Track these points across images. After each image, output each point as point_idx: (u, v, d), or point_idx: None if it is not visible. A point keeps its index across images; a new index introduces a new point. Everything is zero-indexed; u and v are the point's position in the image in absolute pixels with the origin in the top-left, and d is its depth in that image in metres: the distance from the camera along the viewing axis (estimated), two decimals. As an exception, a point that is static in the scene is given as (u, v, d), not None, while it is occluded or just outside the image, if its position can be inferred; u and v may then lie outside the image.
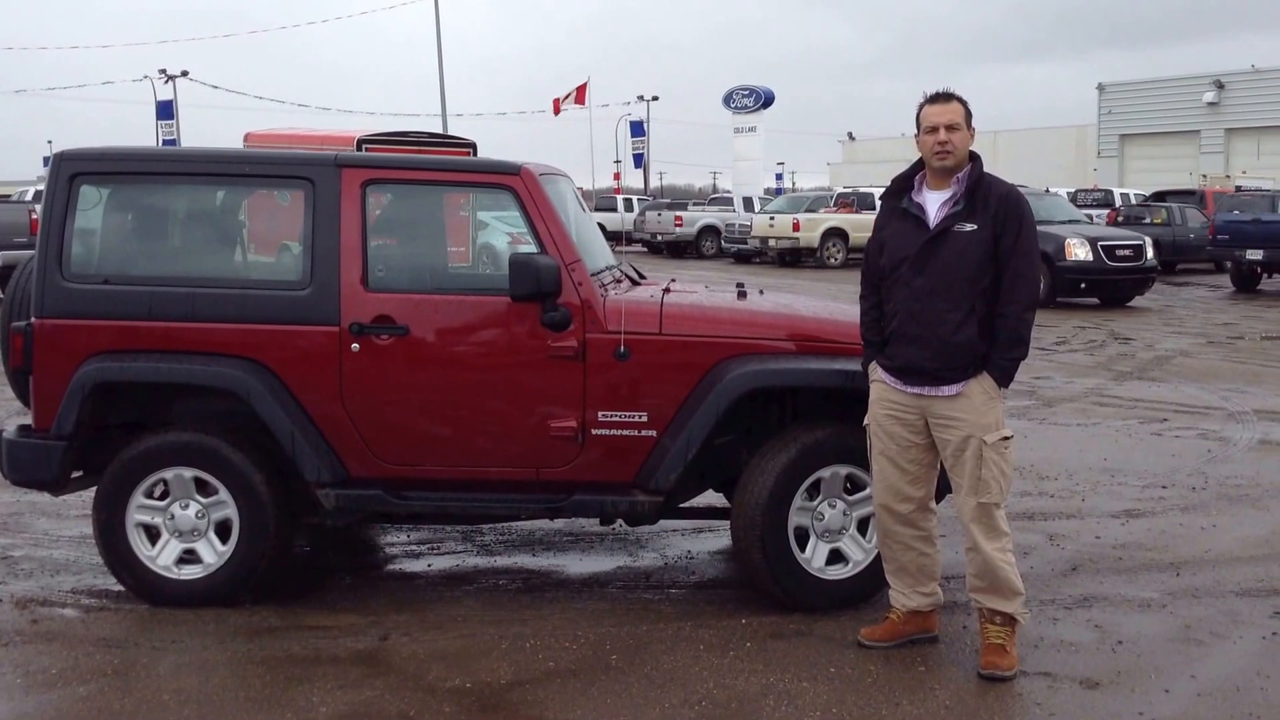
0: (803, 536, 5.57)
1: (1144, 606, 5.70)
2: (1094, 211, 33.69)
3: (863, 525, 5.58)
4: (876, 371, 5.09)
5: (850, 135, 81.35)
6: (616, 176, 66.33)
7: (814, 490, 5.56)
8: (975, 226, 4.84)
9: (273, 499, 5.59)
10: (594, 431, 5.55)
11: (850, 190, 37.68)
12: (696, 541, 6.82)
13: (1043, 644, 5.24)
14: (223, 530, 5.63)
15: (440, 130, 37.64)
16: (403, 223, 6.01)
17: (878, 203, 27.05)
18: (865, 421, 5.15)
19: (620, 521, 6.06)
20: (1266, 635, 5.33)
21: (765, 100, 49.13)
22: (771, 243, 32.22)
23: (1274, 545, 6.67)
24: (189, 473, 5.59)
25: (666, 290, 6.00)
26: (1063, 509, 7.48)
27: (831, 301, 6.54)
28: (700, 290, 6.24)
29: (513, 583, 6.09)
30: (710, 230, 37.91)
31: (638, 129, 63.62)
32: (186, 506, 5.62)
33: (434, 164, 5.81)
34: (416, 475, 5.65)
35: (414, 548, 6.73)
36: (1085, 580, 6.09)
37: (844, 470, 5.54)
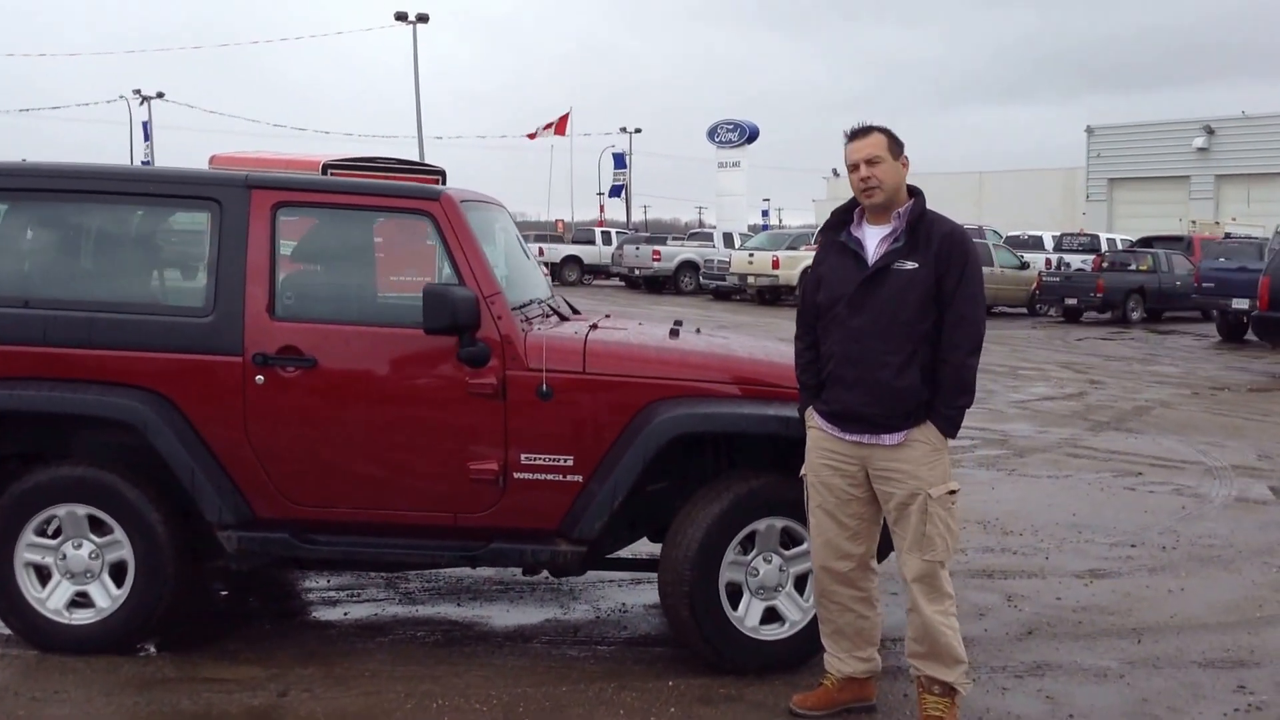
0: (736, 593, 5.20)
1: (1100, 676, 5.33)
2: (1079, 256, 33.54)
3: (800, 582, 5.22)
4: (813, 417, 4.73)
5: (835, 172, 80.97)
6: (601, 209, 66.14)
7: (748, 544, 5.20)
8: (916, 265, 4.50)
9: (171, 540, 5.21)
10: (516, 475, 5.19)
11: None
12: (634, 594, 6.44)
13: (988, 716, 4.87)
14: (118, 572, 5.26)
15: (415, 156, 37.41)
16: (318, 249, 5.66)
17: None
18: (802, 472, 4.79)
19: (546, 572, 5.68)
20: (1228, 712, 4.96)
21: (750, 135, 48.97)
22: (751, 280, 31.66)
23: (1244, 611, 6.31)
24: (82, 510, 5.21)
25: (594, 327, 5.64)
26: (1024, 567, 7.11)
27: (771, 341, 6.19)
28: (631, 327, 5.89)
29: (431, 635, 5.70)
30: (689, 266, 37.52)
31: (620, 161, 63.43)
32: (79, 546, 5.25)
33: (351, 187, 5.45)
34: (326, 518, 5.28)
35: (333, 594, 6.34)
36: (1041, 646, 5.72)
37: (780, 523, 5.17)
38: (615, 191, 64.64)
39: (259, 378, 5.17)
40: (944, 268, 4.50)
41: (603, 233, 44.50)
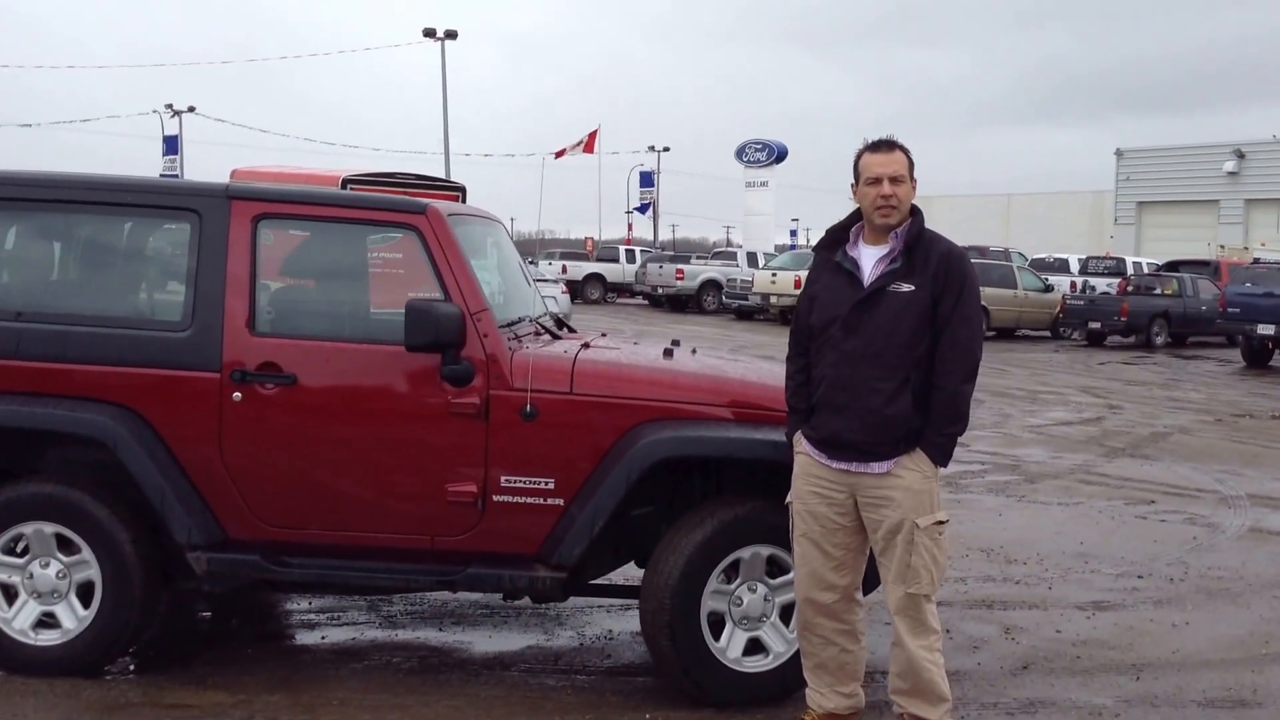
0: (719, 623, 5.04)
1: (1095, 715, 5.14)
2: (1105, 280, 33.23)
3: (786, 613, 5.04)
4: (801, 443, 4.58)
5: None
6: (630, 228, 66.07)
7: (732, 572, 5.04)
8: (913, 287, 4.35)
9: (140, 561, 5.09)
10: (495, 497, 5.05)
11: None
12: (621, 620, 6.27)
13: (976, 756, 4.69)
14: (86, 593, 5.13)
15: (441, 172, 37.42)
16: (301, 262, 5.54)
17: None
18: (788, 499, 4.63)
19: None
20: (1228, 755, 4.77)
21: (778, 155, 48.70)
22: (773, 299, 31.48)
23: (1249, 648, 6.10)
24: (50, 528, 5.09)
25: (585, 345, 5.50)
26: (1025, 598, 6.92)
27: (766, 363, 6.04)
28: (623, 347, 5.74)
29: (407, 660, 5.55)
30: (712, 285, 37.37)
31: (647, 179, 63.34)
32: (47, 565, 5.13)
33: (335, 200, 5.33)
34: (300, 539, 5.15)
35: (313, 616, 6.21)
36: (1035, 681, 5.53)
37: (766, 551, 5.01)
38: (643, 210, 64.56)
39: (236, 395, 5.05)
40: (941, 290, 4.35)
41: (627, 251, 44.40)
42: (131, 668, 5.28)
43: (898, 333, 4.33)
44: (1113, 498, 10.03)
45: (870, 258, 4.46)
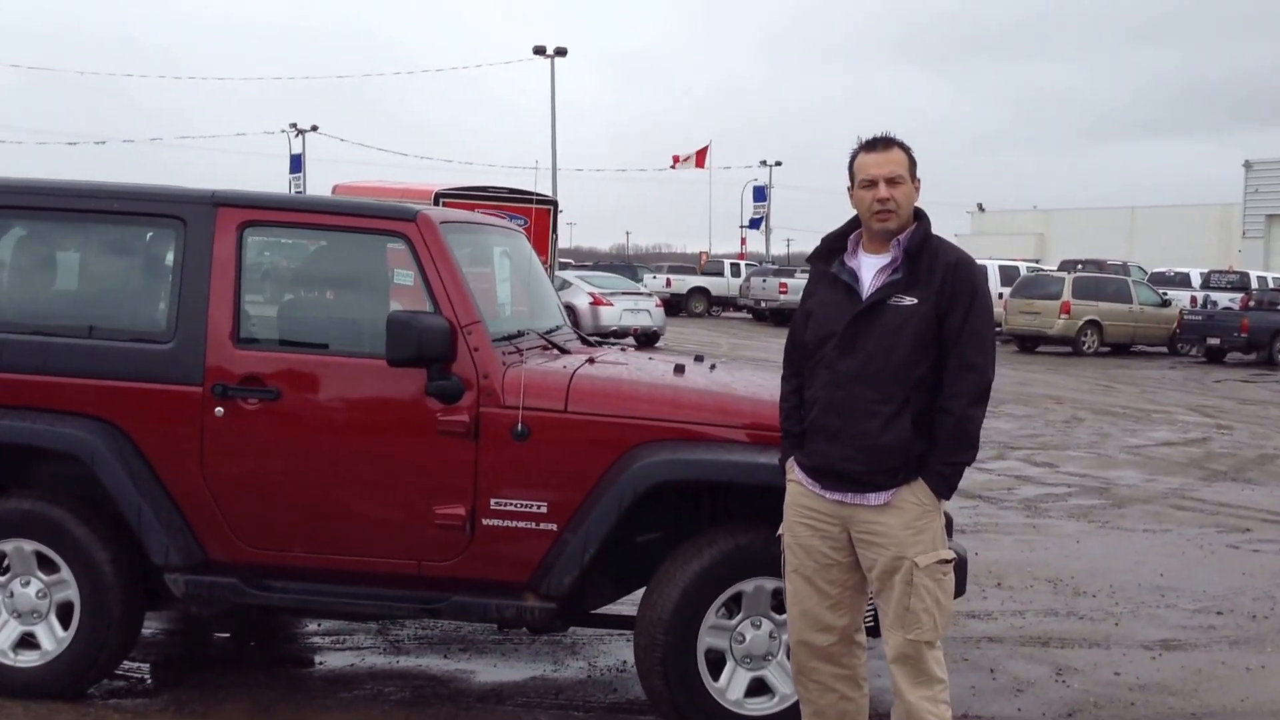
0: (718, 661, 4.68)
1: (1135, 772, 4.68)
2: (1227, 295, 32.04)
3: (794, 651, 4.66)
4: (793, 470, 4.19)
5: (980, 206, 79.30)
6: (743, 242, 65.61)
7: (734, 606, 4.68)
8: (915, 300, 3.94)
9: (119, 582, 4.88)
10: (485, 521, 4.75)
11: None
12: (640, 650, 5.92)
13: (992, 816, 4.26)
14: (66, 613, 4.94)
15: (549, 189, 37.46)
16: (287, 272, 5.30)
17: (991, 275, 25.82)
18: (780, 531, 4.25)
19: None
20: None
21: (891, 169, 47.83)
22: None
23: (1327, 697, 5.56)
24: (29, 545, 4.91)
25: (590, 361, 5.17)
26: (1088, 634, 6.42)
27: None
28: (633, 362, 5.40)
29: (400, 691, 5.26)
30: (814, 299, 36.74)
31: (760, 194, 62.87)
32: (27, 584, 4.95)
33: (323, 206, 5.07)
34: (282, 562, 4.90)
35: (316, 639, 5.96)
36: (1076, 731, 5.07)
37: (770, 584, 4.63)
38: (755, 224, 64.09)
39: (218, 410, 4.83)
40: (947, 303, 3.94)
41: (732, 265, 43.98)
42: (118, 690, 5.07)
43: (897, 350, 3.92)
44: (1205, 525, 9.43)
45: (870, 268, 4.06)
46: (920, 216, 4.08)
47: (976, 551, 8.04)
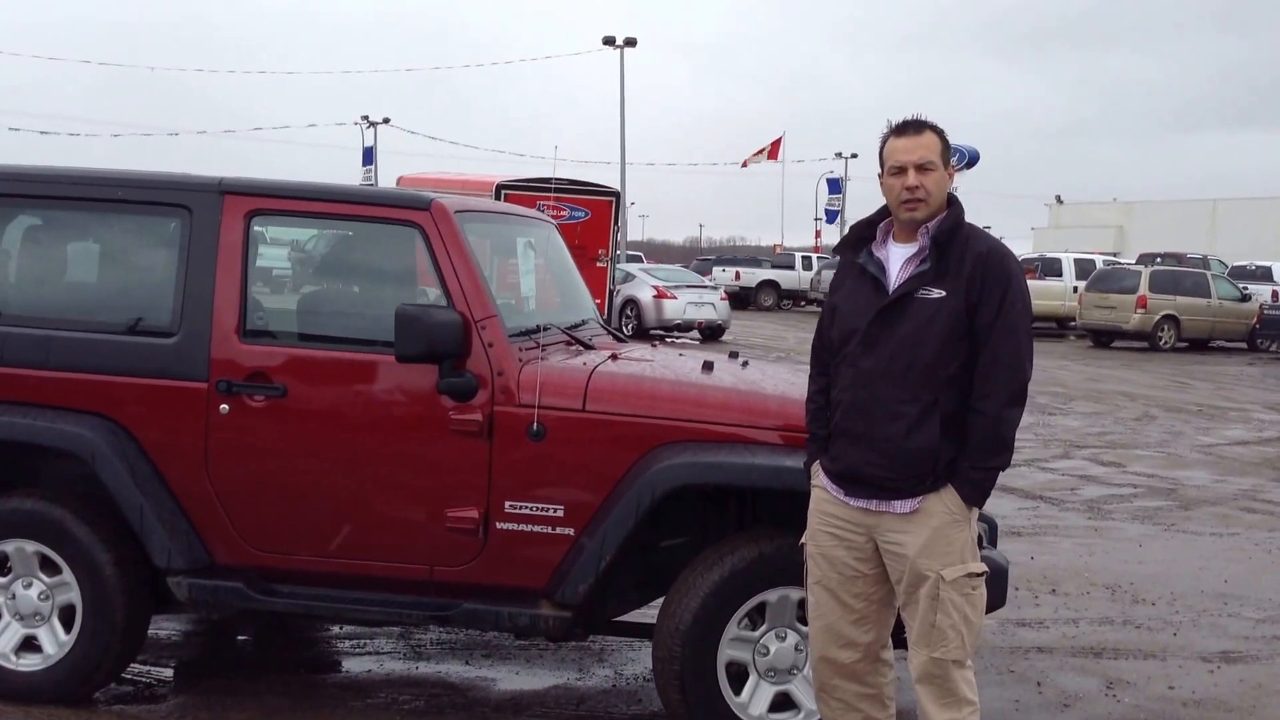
0: (740, 674, 4.43)
1: (1187, 799, 4.37)
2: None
3: (821, 665, 4.39)
4: (818, 474, 3.93)
5: (1058, 199, 77.90)
6: (818, 235, 65.04)
7: (758, 617, 4.42)
8: (944, 292, 3.66)
9: (122, 584, 4.71)
10: (498, 525, 4.53)
11: (1036, 256, 35.59)
12: (669, 658, 5.67)
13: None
14: (68, 616, 4.78)
15: (618, 179, 37.31)
16: (298, 263, 5.11)
17: (1066, 268, 25.15)
18: (803, 539, 3.99)
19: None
20: None
21: (970, 160, 46.78)
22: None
23: (1398, 718, 5.20)
24: (31, 546, 4.76)
25: (614, 357, 4.93)
26: (1144, 645, 6.08)
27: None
28: (659, 358, 5.15)
29: (415, 699, 5.06)
30: (886, 292, 36.25)
31: (835, 186, 62.18)
32: (29, 586, 4.80)
33: (335, 194, 4.87)
34: (289, 566, 4.71)
35: (336, 643, 5.78)
36: (1125, 752, 4.77)
37: (797, 594, 4.35)
38: (830, 217, 63.41)
39: (223, 406, 4.65)
40: (978, 296, 3.66)
41: (803, 258, 43.47)
42: (123, 695, 4.92)
43: (925, 346, 3.65)
44: (1275, 529, 9.02)
45: (899, 258, 3.79)
46: (952, 203, 3.80)
47: (1032, 556, 7.73)
